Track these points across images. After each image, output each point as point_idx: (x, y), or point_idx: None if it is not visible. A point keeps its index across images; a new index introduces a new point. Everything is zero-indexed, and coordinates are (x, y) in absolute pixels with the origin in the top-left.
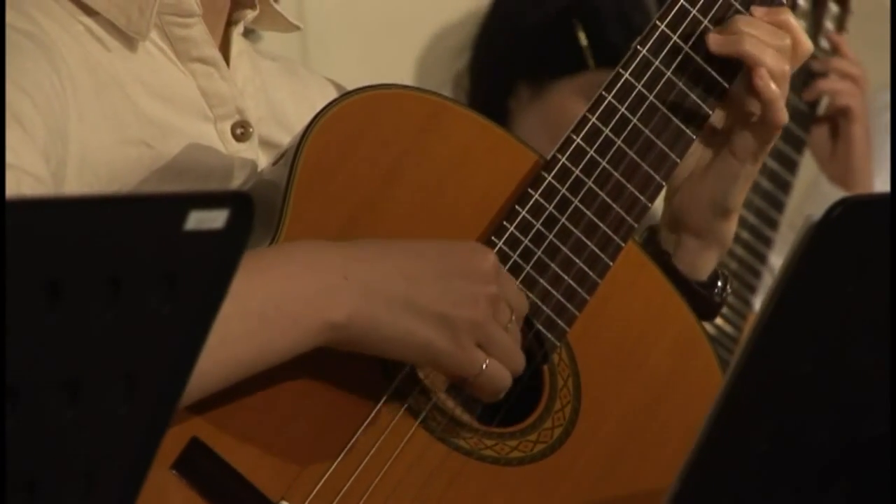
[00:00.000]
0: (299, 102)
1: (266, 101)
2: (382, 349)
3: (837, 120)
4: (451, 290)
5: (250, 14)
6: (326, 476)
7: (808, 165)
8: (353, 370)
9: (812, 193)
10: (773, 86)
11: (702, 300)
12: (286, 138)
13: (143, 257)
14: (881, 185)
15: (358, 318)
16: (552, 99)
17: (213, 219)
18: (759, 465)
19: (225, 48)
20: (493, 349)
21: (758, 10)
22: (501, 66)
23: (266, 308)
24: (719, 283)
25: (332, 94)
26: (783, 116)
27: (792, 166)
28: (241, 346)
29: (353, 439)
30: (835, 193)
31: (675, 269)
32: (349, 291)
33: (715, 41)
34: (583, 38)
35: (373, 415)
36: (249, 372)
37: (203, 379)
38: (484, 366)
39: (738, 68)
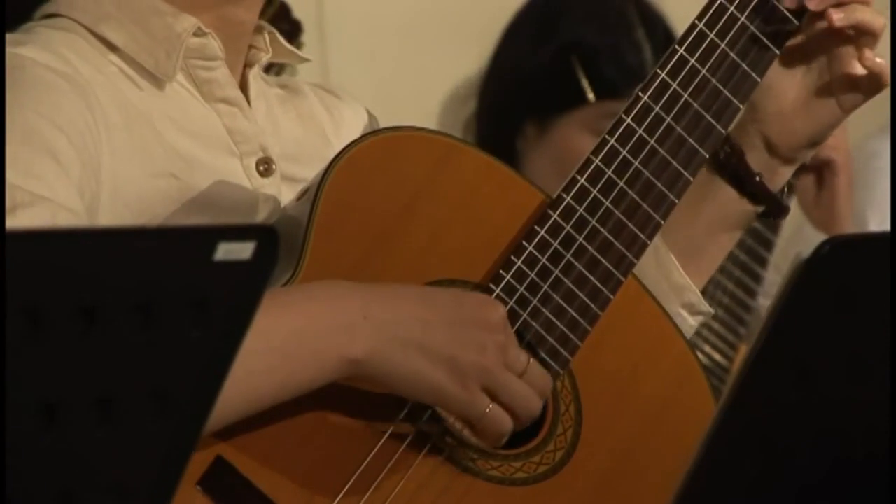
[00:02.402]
0: (307, 126)
1: (280, 138)
2: (394, 387)
3: (823, 171)
4: (461, 336)
5: (264, 56)
6: (342, 495)
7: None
8: (367, 395)
9: (797, 237)
10: (878, 60)
11: (777, 204)
12: (303, 170)
13: (175, 285)
14: (875, 226)
15: (374, 357)
16: (558, 134)
17: (241, 250)
18: (750, 488)
19: (244, 88)
20: (501, 394)
21: None
22: (507, 109)
23: (288, 344)
24: (786, 190)
25: (364, 119)
26: (887, 79)
27: None
28: (264, 380)
29: (367, 459)
30: (818, 237)
31: (764, 187)
32: (368, 331)
33: (838, 18)
34: (581, 75)
35: (386, 436)
36: (271, 403)
37: (228, 409)
38: (487, 409)
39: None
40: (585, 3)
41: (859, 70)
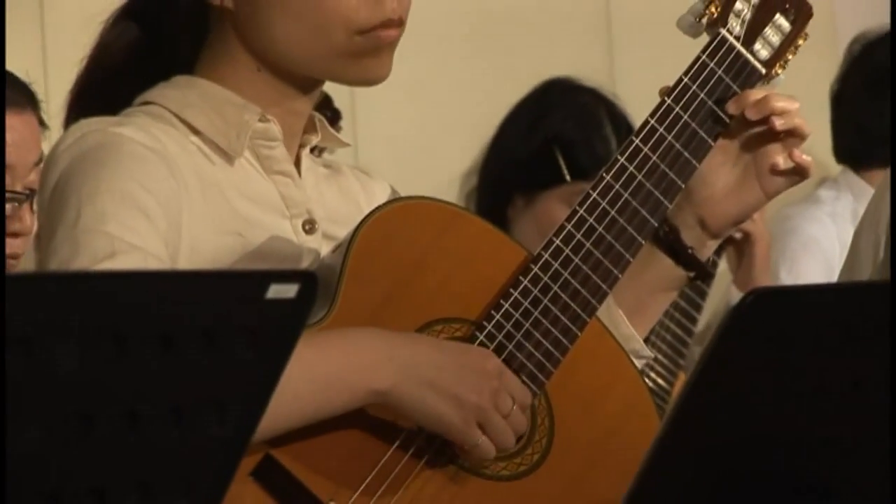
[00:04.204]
0: (346, 197)
1: (323, 205)
2: (410, 415)
3: (743, 243)
4: (465, 379)
5: (314, 138)
6: (363, 485)
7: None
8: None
9: (725, 298)
10: (806, 157)
11: (704, 270)
12: (340, 230)
13: (234, 317)
14: (785, 274)
15: (395, 390)
16: (540, 206)
17: (287, 291)
18: (687, 488)
19: (297, 164)
20: (489, 429)
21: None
22: (501, 184)
23: (328, 376)
24: (712, 258)
25: (388, 191)
26: (812, 171)
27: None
28: (307, 403)
29: (385, 458)
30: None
31: (695, 258)
32: (391, 369)
33: (780, 123)
34: (561, 160)
35: (399, 441)
36: (311, 421)
37: (278, 423)
38: (479, 441)
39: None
40: (566, 104)
41: (786, 164)
